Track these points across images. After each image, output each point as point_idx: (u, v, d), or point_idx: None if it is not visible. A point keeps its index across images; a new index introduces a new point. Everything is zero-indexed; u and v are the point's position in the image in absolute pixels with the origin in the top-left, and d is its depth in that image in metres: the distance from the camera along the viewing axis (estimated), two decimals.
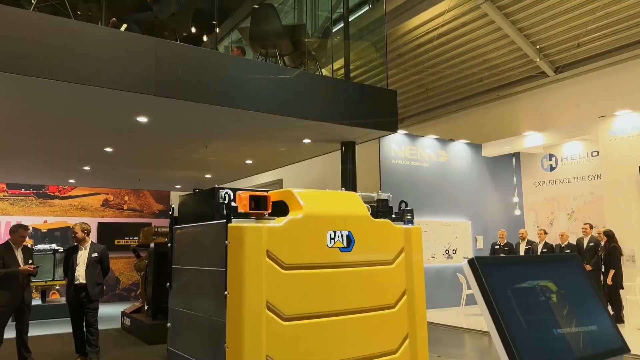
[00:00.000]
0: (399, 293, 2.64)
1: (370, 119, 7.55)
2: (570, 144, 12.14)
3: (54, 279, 11.93)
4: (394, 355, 2.54)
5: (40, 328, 9.65)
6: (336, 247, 2.44)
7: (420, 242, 2.80)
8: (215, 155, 9.67)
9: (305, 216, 2.37)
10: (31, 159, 9.66)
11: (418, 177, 11.50)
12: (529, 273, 2.31)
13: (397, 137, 11.30)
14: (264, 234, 2.23)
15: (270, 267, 2.22)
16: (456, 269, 11.34)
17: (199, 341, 2.48)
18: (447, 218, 11.83)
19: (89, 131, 7.62)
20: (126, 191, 15.39)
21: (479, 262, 2.16)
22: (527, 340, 2.02)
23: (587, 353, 2.19)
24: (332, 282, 2.40)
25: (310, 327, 2.29)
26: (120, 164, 10.25)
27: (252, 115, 6.71)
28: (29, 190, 13.99)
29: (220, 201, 2.42)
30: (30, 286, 6.58)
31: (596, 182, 11.43)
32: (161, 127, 7.47)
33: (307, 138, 8.31)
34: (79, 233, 6.49)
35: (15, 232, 6.44)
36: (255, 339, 2.11)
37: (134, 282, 14.74)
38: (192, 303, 2.56)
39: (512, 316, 2.05)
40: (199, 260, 2.55)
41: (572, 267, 2.50)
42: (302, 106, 6.92)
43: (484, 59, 12.09)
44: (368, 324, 2.47)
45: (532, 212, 12.92)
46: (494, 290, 2.08)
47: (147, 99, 5.95)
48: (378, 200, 2.93)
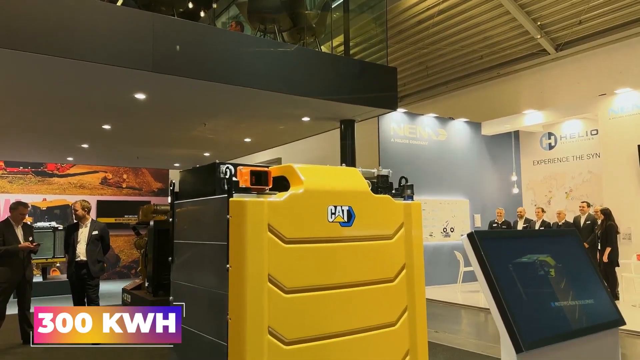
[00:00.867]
0: (398, 267, 2.67)
1: (370, 96, 7.50)
2: (569, 122, 12.11)
3: (54, 257, 12.00)
4: (394, 327, 2.58)
5: (41, 304, 9.74)
6: (337, 221, 2.46)
7: (420, 217, 2.81)
8: (214, 133, 9.63)
9: (306, 191, 2.37)
10: (29, 136, 9.61)
11: (417, 155, 11.50)
12: (528, 247, 2.33)
13: (396, 115, 11.25)
14: (265, 209, 2.24)
15: (272, 241, 2.24)
16: (454, 247, 11.43)
17: (201, 313, 2.51)
18: (445, 196, 11.88)
19: (86, 108, 7.56)
20: (125, 169, 15.36)
21: (478, 236, 2.18)
22: (525, 312, 2.06)
23: (584, 325, 2.23)
24: (332, 256, 2.42)
25: (311, 300, 2.32)
26: (119, 141, 10.21)
27: (250, 92, 6.66)
28: (27, 169, 13.96)
29: (221, 176, 2.41)
30: (31, 263, 6.62)
31: (595, 161, 11.45)
32: (159, 104, 7.42)
33: (306, 116, 8.27)
34: (79, 211, 6.49)
35: (15, 210, 6.46)
36: (257, 311, 2.13)
37: (133, 260, 14.84)
38: (194, 277, 2.59)
39: (511, 289, 2.08)
40: (201, 234, 2.57)
41: (571, 242, 2.53)
42: (301, 83, 6.86)
43: (485, 36, 11.96)
44: (368, 297, 2.51)
45: (530, 191, 12.97)
46: (493, 264, 2.11)
47: (145, 75, 5.89)
48: (378, 176, 2.93)
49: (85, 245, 6.40)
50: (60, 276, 12.68)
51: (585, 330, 2.23)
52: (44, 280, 11.81)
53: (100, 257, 6.53)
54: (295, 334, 2.23)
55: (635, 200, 9.60)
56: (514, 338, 1.96)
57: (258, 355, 2.12)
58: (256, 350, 2.11)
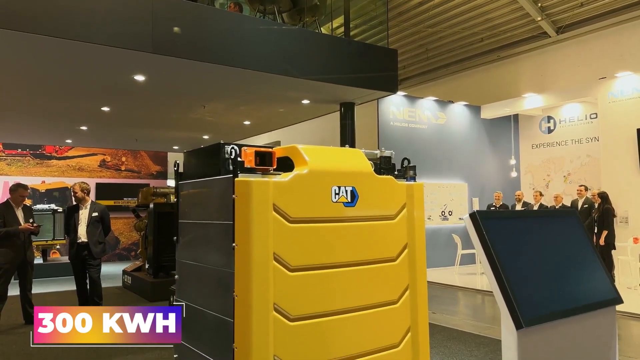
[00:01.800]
0: (400, 247, 2.71)
1: (370, 78, 7.48)
2: (569, 106, 12.11)
3: (54, 239, 12.05)
4: (395, 305, 2.63)
5: (42, 286, 9.83)
6: (340, 202, 2.49)
7: (422, 198, 2.84)
8: (213, 116, 9.61)
9: (311, 171, 2.39)
10: (27, 118, 9.57)
11: (416, 139, 11.51)
12: (529, 227, 2.37)
13: (396, 98, 11.22)
14: (270, 188, 2.26)
15: (277, 220, 2.26)
16: (452, 230, 11.52)
17: (206, 291, 2.55)
18: (444, 180, 11.92)
19: (85, 90, 7.52)
20: (123, 152, 15.33)
21: (480, 216, 2.22)
22: (525, 290, 2.10)
23: (583, 303, 2.28)
24: (336, 235, 2.46)
25: (315, 278, 2.36)
26: (118, 123, 10.17)
27: (250, 74, 6.63)
28: (25, 151, 13.92)
29: (226, 157, 2.43)
30: (32, 245, 6.66)
31: (593, 145, 11.48)
32: (158, 86, 7.38)
33: (305, 98, 8.25)
34: (79, 192, 6.48)
35: (15, 192, 6.47)
36: (263, 288, 2.17)
37: (133, 242, 14.91)
38: (200, 255, 2.62)
39: (511, 267, 2.12)
40: (206, 214, 2.59)
41: (571, 222, 2.57)
42: (300, 65, 6.83)
43: (486, 18, 11.87)
44: (370, 276, 2.55)
45: (528, 174, 13.02)
46: (494, 243, 2.15)
47: (144, 56, 5.86)
48: (381, 157, 2.95)
49: (86, 227, 6.41)
50: (60, 258, 12.75)
51: (584, 308, 2.28)
52: (45, 262, 11.87)
53: (101, 238, 6.54)
54: (300, 310, 2.28)
55: (633, 184, 9.66)
56: (514, 314, 2.00)
57: (264, 330, 2.16)
58: (262, 326, 2.16)
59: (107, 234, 6.75)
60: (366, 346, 2.49)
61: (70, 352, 5.24)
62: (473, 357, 4.94)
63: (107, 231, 6.72)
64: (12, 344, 5.61)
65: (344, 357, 2.41)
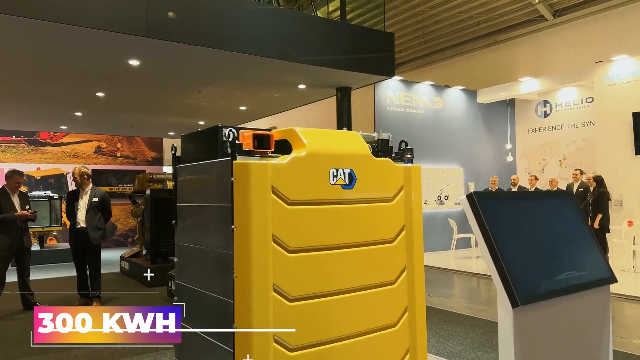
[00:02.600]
0: (398, 229, 2.73)
1: (367, 62, 7.44)
2: (565, 90, 12.11)
3: (51, 225, 12.04)
4: (393, 286, 2.66)
5: (40, 272, 9.86)
6: (338, 184, 2.50)
7: (419, 180, 2.85)
8: (209, 101, 9.56)
9: (309, 154, 2.40)
10: (21, 104, 9.49)
11: (412, 124, 11.50)
12: (525, 207, 2.40)
13: (392, 83, 11.18)
14: (268, 171, 2.27)
15: (276, 202, 2.28)
16: (448, 215, 11.58)
17: (206, 273, 2.57)
18: (440, 165, 11.95)
19: (79, 75, 7.46)
20: (119, 138, 15.26)
21: (477, 197, 2.24)
22: (521, 268, 2.13)
23: (578, 282, 2.32)
24: (334, 217, 2.47)
25: (314, 259, 2.38)
26: (112, 109, 10.11)
27: (245, 58, 6.58)
28: (19, 137, 13.83)
29: (224, 139, 2.43)
30: (28, 231, 6.66)
31: (589, 129, 11.52)
32: (153, 71, 7.32)
33: (302, 83, 8.21)
34: (78, 177, 6.46)
35: (11, 178, 6.43)
36: (262, 269, 2.19)
37: (130, 228, 14.92)
38: (199, 238, 2.64)
39: (508, 247, 2.15)
40: (205, 197, 2.60)
41: (567, 203, 2.60)
42: (296, 49, 6.78)
43: (482, 1, 11.79)
44: (368, 257, 2.57)
45: (524, 159, 13.07)
46: (491, 223, 2.17)
47: (138, 40, 5.80)
48: (379, 139, 2.96)
49: (85, 213, 6.39)
50: (57, 244, 12.76)
51: (579, 287, 2.31)
52: (42, 248, 11.88)
53: (100, 224, 6.50)
54: (299, 291, 2.30)
55: (628, 168, 9.71)
56: (510, 293, 2.03)
57: (264, 310, 2.19)
58: (262, 306, 2.18)
59: (107, 220, 6.71)
60: (364, 326, 2.53)
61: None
62: (469, 338, 5.01)
63: (107, 217, 6.67)
64: (11, 329, 5.64)
65: (343, 336, 2.44)
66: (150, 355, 4.59)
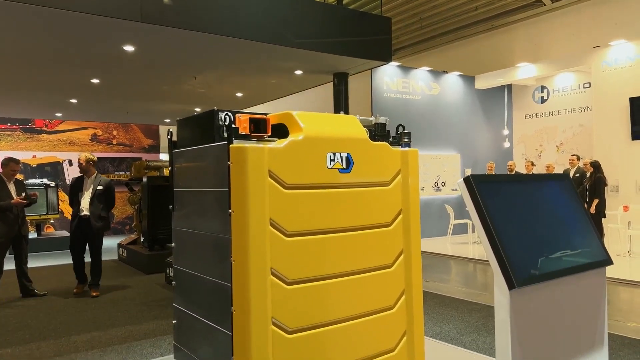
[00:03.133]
0: (395, 212, 2.73)
1: (364, 47, 7.39)
2: (562, 75, 12.08)
3: (48, 213, 12.02)
4: (390, 269, 2.67)
5: (37, 260, 9.86)
6: (335, 168, 2.49)
7: (416, 164, 2.85)
8: (205, 87, 9.49)
9: (306, 138, 2.39)
10: (15, 91, 9.40)
11: (410, 110, 11.47)
12: (522, 190, 2.40)
13: (389, 69, 11.12)
14: (265, 155, 2.26)
15: (273, 186, 2.27)
16: (444, 201, 11.62)
17: (204, 257, 2.57)
18: (437, 151, 11.95)
19: (74, 61, 7.38)
20: (115, 125, 15.17)
21: (474, 180, 2.23)
22: (517, 250, 2.14)
23: (574, 264, 2.33)
24: (331, 201, 2.47)
25: (311, 243, 2.38)
26: (108, 96, 10.03)
27: (241, 43, 6.53)
28: (15, 125, 13.73)
29: (220, 123, 2.41)
30: (26, 218, 6.64)
31: (586, 114, 11.52)
32: (148, 56, 7.26)
33: (298, 69, 8.16)
34: (84, 163, 6.42)
35: (7, 166, 6.40)
36: (260, 253, 2.20)
37: (127, 216, 14.93)
38: (196, 223, 2.63)
39: (504, 229, 2.16)
40: (201, 181, 2.59)
41: (563, 186, 2.60)
42: (292, 34, 6.73)
43: None
44: (365, 241, 2.58)
45: (521, 145, 13.08)
46: (488, 205, 2.17)
47: (133, 25, 5.74)
48: (376, 123, 2.95)
49: (89, 200, 6.35)
50: (54, 232, 12.76)
51: (575, 269, 2.33)
52: (39, 236, 11.87)
53: (104, 213, 6.44)
54: (296, 274, 2.31)
55: (624, 153, 9.74)
56: (507, 275, 2.04)
57: (262, 294, 2.20)
58: (260, 290, 2.19)
59: (110, 209, 6.62)
60: (361, 308, 2.54)
61: (68, 323, 5.31)
62: (465, 322, 5.06)
63: (110, 206, 6.59)
64: (10, 317, 5.66)
65: (340, 319, 2.46)
66: (150, 341, 4.61)
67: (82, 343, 4.61)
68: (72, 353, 4.33)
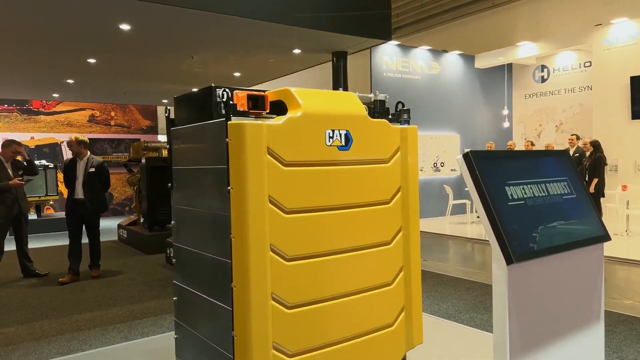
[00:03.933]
0: (394, 190, 2.73)
1: (363, 24, 7.29)
2: (563, 54, 11.97)
3: (47, 194, 12.03)
4: (389, 246, 2.68)
5: (37, 241, 9.91)
6: (334, 145, 2.48)
7: (415, 141, 2.84)
8: (202, 67, 9.40)
9: (304, 114, 2.37)
10: (11, 71, 9.31)
11: (409, 90, 11.39)
12: (521, 166, 2.39)
13: (389, 48, 11.01)
14: (264, 132, 2.24)
15: (271, 163, 2.26)
16: (443, 181, 11.63)
17: (203, 234, 2.58)
18: (436, 131, 11.91)
19: (70, 41, 7.29)
20: (112, 106, 15.07)
21: (473, 156, 2.22)
22: (516, 226, 2.14)
23: (572, 239, 2.34)
24: (330, 179, 2.47)
25: (310, 220, 2.39)
26: (105, 76, 9.94)
27: (238, 21, 6.44)
28: (11, 106, 13.63)
29: (217, 100, 2.39)
30: (26, 197, 6.62)
31: (586, 94, 11.45)
32: (145, 35, 7.17)
33: (297, 47, 8.07)
34: (74, 145, 6.33)
35: (8, 147, 6.35)
36: (259, 229, 2.20)
37: (126, 197, 14.94)
38: (195, 200, 2.63)
39: (503, 204, 2.16)
40: (200, 159, 2.58)
41: (562, 162, 2.59)
42: (290, 11, 6.63)
43: None
44: (364, 218, 2.58)
45: (520, 124, 13.04)
46: (487, 181, 2.17)
47: (129, 3, 5.65)
48: (375, 100, 2.93)
49: (82, 182, 6.30)
50: (54, 214, 12.79)
51: (573, 245, 2.34)
52: (39, 218, 11.91)
53: (99, 195, 6.38)
54: (295, 250, 2.32)
55: (624, 132, 9.71)
56: (504, 250, 2.05)
57: (261, 269, 2.21)
58: (259, 266, 2.20)
59: (105, 190, 6.54)
60: (360, 284, 2.56)
61: (70, 303, 5.35)
62: (463, 300, 5.11)
63: (106, 187, 6.51)
64: (12, 296, 5.71)
65: (339, 295, 2.48)
66: (151, 319, 4.66)
67: (84, 322, 4.66)
68: (75, 332, 4.38)
